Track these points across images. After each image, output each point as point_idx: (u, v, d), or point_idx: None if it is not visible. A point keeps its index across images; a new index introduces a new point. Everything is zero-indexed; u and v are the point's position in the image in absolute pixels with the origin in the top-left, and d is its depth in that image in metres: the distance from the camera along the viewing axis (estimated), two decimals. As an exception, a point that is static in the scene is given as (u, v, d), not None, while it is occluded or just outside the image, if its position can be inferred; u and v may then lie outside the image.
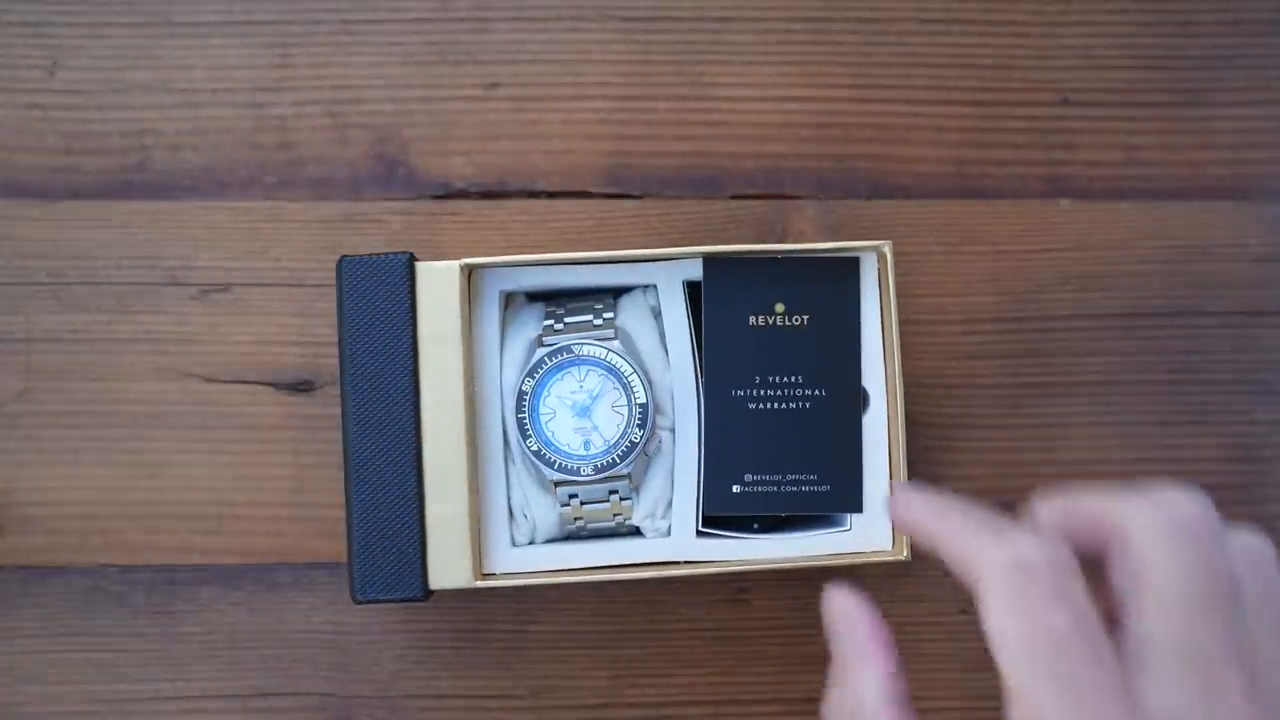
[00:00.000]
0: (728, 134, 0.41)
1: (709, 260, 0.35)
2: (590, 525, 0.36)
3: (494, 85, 0.41)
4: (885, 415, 0.36)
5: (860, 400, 0.35)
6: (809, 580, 0.39)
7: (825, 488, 0.35)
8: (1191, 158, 0.42)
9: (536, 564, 0.35)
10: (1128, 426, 0.40)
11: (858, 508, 0.35)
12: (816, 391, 0.35)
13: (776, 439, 0.35)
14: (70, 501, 0.39)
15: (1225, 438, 0.41)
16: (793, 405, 0.35)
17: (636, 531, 0.37)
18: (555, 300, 0.37)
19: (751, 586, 0.40)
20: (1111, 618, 0.25)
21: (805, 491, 0.35)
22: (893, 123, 0.41)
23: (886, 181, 0.41)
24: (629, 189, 0.41)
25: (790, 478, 0.35)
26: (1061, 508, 0.27)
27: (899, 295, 0.36)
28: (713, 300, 0.35)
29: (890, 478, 0.36)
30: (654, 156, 0.41)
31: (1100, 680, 0.23)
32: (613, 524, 0.36)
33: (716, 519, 0.36)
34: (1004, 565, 0.24)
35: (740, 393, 0.35)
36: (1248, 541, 0.26)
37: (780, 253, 0.35)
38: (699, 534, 0.36)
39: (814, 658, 0.39)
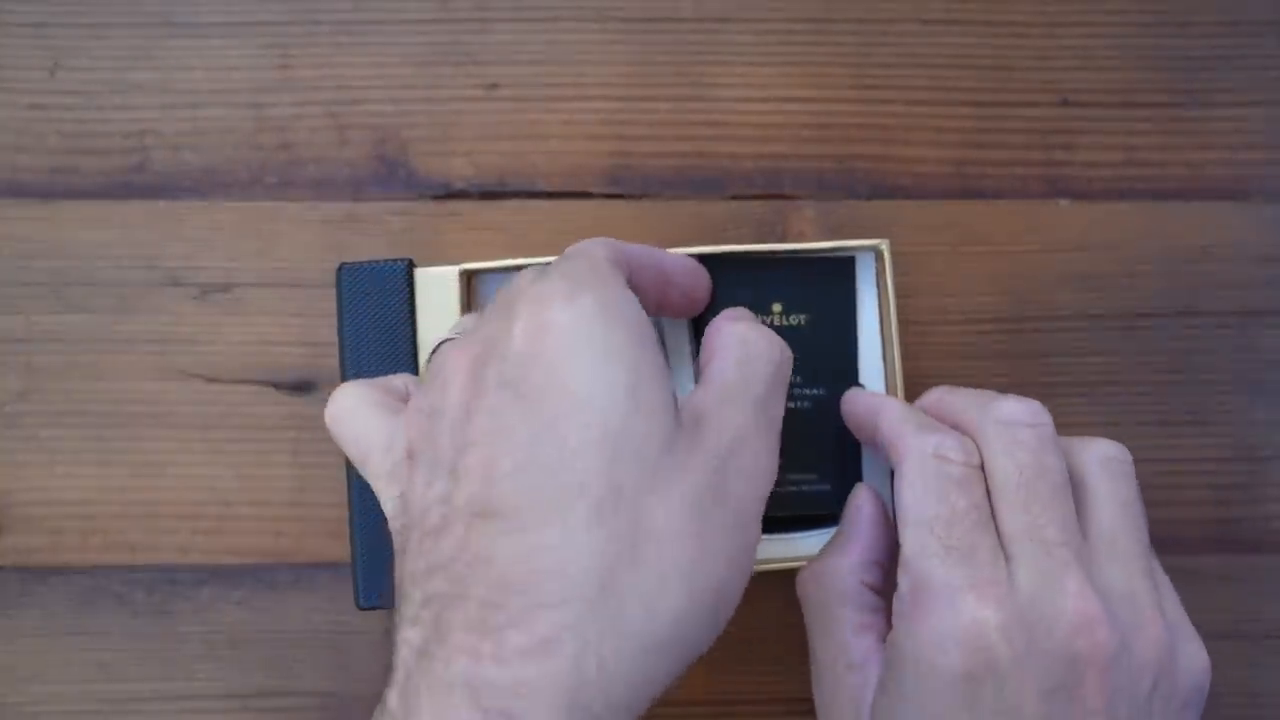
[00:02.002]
0: (728, 134, 0.41)
1: (704, 260, 0.35)
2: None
3: (494, 86, 0.41)
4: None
5: None
6: (809, 580, 0.39)
7: (825, 487, 0.35)
8: (1191, 158, 0.42)
9: None
10: (1128, 426, 0.40)
11: None
12: (815, 391, 0.35)
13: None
14: (70, 501, 0.39)
15: (1225, 438, 0.41)
16: (791, 405, 0.34)
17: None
18: None
19: (751, 586, 0.40)
20: None
21: (805, 492, 0.35)
22: (893, 123, 0.41)
23: (886, 182, 0.41)
24: (629, 189, 0.41)
25: (790, 478, 0.35)
26: (940, 417, 0.31)
27: (899, 295, 0.36)
28: (712, 301, 0.35)
29: (890, 478, 0.36)
30: (654, 157, 0.41)
31: (980, 551, 0.27)
32: None
33: None
34: (926, 452, 0.28)
35: None
36: (1103, 447, 0.30)
37: (779, 252, 0.35)
38: None
39: (814, 658, 0.39)
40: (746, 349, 0.29)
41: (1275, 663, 0.40)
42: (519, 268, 0.35)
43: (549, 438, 0.24)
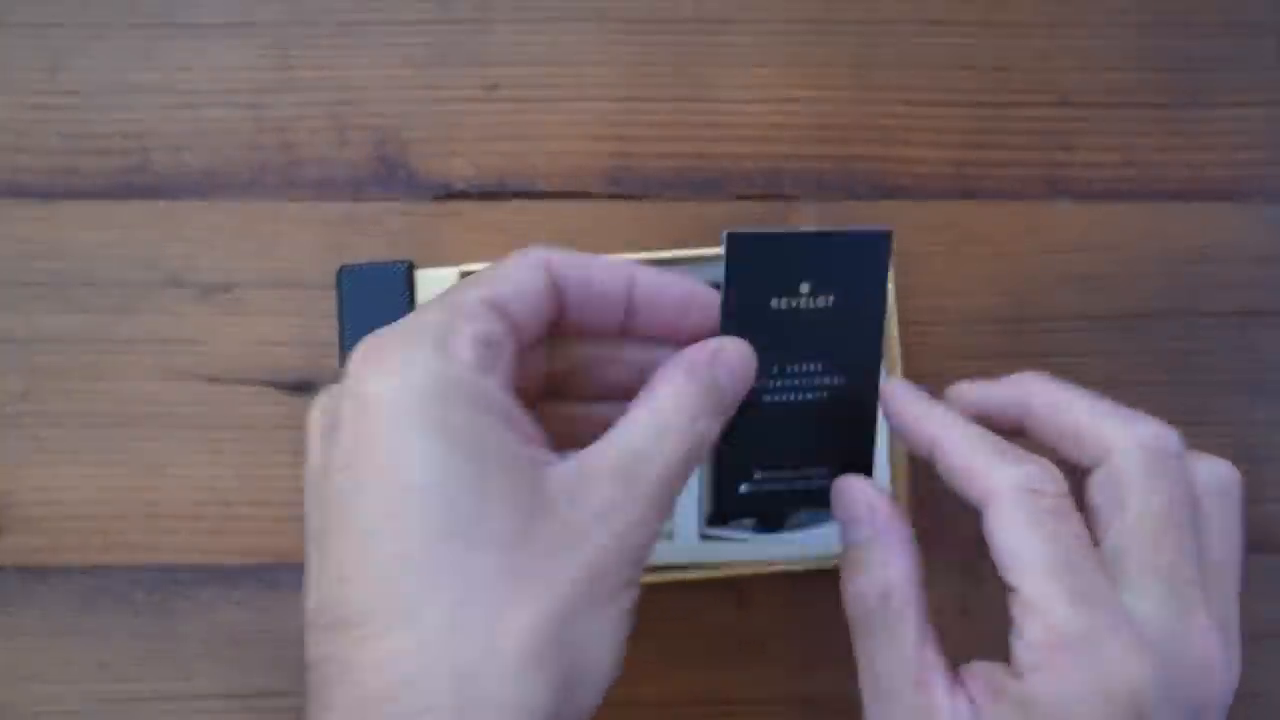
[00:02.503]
0: (728, 135, 0.41)
1: (733, 238, 0.30)
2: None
3: (494, 86, 0.41)
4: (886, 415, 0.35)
5: (877, 390, 0.32)
6: (809, 579, 0.39)
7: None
8: (1191, 158, 0.42)
9: None
10: (1128, 427, 0.40)
11: None
12: (835, 380, 0.32)
13: (790, 432, 0.31)
14: (70, 501, 0.39)
15: (1225, 438, 0.41)
16: (810, 396, 0.31)
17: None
18: None
19: (752, 585, 0.40)
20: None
21: (815, 489, 0.32)
22: (893, 123, 0.41)
23: (886, 182, 0.41)
24: (630, 190, 0.41)
25: (802, 473, 0.32)
26: (1053, 420, 0.29)
27: (898, 296, 0.36)
28: (735, 284, 0.30)
29: (891, 480, 0.36)
30: (654, 158, 0.41)
31: (1102, 591, 0.25)
32: None
33: (720, 518, 0.36)
34: (1017, 486, 0.26)
35: (756, 384, 0.31)
36: (1216, 469, 0.28)
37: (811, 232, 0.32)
38: (702, 538, 0.36)
39: (815, 657, 0.39)
40: (676, 412, 0.26)
41: (1275, 663, 0.40)
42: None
43: (389, 532, 0.23)
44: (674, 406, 0.26)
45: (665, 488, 0.26)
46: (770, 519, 0.37)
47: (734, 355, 0.29)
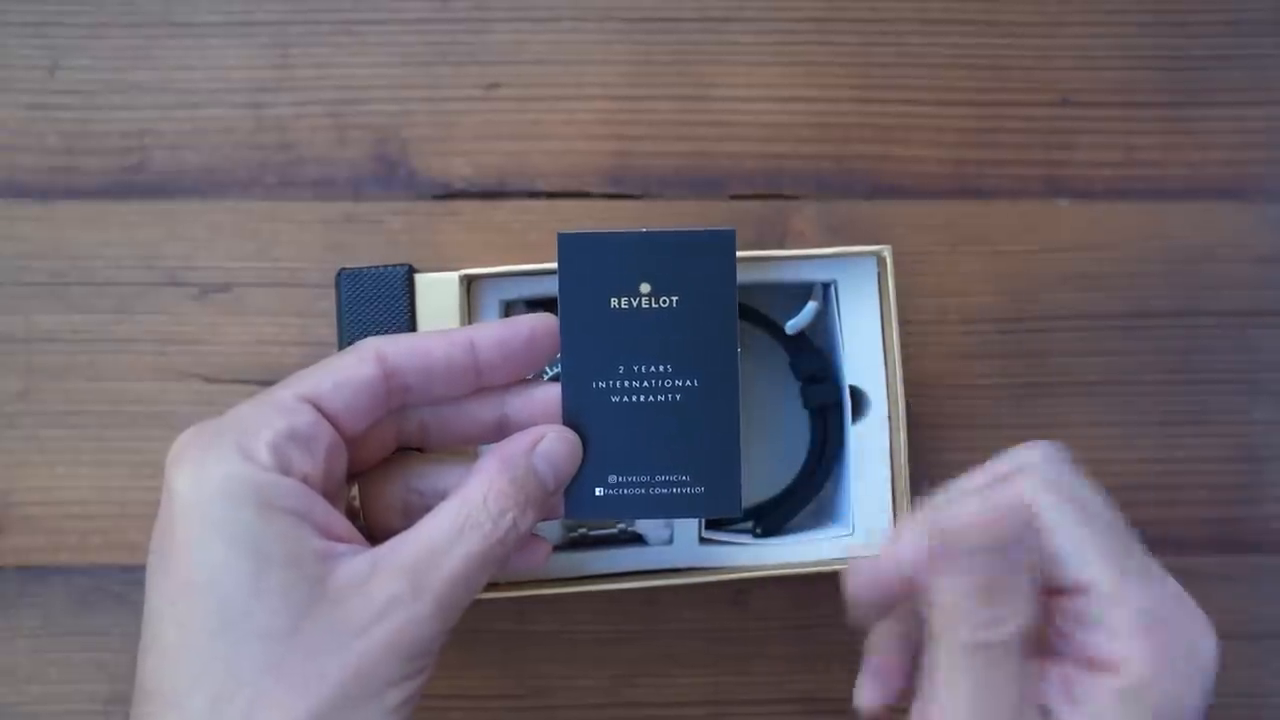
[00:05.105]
0: (728, 134, 0.41)
1: (565, 238, 0.31)
2: (593, 533, 0.36)
3: (494, 85, 0.41)
4: (886, 418, 0.35)
5: (737, 392, 0.31)
6: (808, 580, 0.39)
7: (699, 489, 0.31)
8: (1191, 158, 0.42)
9: (539, 573, 0.35)
10: (1128, 426, 0.41)
11: (735, 510, 0.31)
12: (688, 382, 0.31)
13: (643, 436, 0.31)
14: (70, 501, 0.39)
15: (1225, 438, 0.41)
16: (661, 398, 0.31)
17: (639, 538, 0.37)
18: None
19: (751, 587, 0.40)
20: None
21: (677, 494, 0.31)
22: (893, 123, 0.41)
23: (886, 181, 0.41)
24: (630, 189, 0.41)
25: (660, 479, 0.31)
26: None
27: (899, 296, 0.35)
28: (570, 280, 0.31)
29: (891, 482, 0.36)
30: (655, 157, 0.41)
31: (1155, 567, 0.26)
32: (614, 531, 0.36)
33: (717, 522, 0.36)
34: (1050, 457, 0.27)
35: (602, 384, 0.31)
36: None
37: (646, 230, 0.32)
38: (701, 541, 0.36)
39: (813, 657, 0.39)
40: (482, 506, 0.27)
41: (1275, 663, 0.40)
42: (519, 273, 0.35)
43: (171, 619, 0.25)
44: (481, 500, 0.27)
45: (458, 585, 0.26)
46: (770, 522, 0.37)
47: (554, 444, 0.29)
